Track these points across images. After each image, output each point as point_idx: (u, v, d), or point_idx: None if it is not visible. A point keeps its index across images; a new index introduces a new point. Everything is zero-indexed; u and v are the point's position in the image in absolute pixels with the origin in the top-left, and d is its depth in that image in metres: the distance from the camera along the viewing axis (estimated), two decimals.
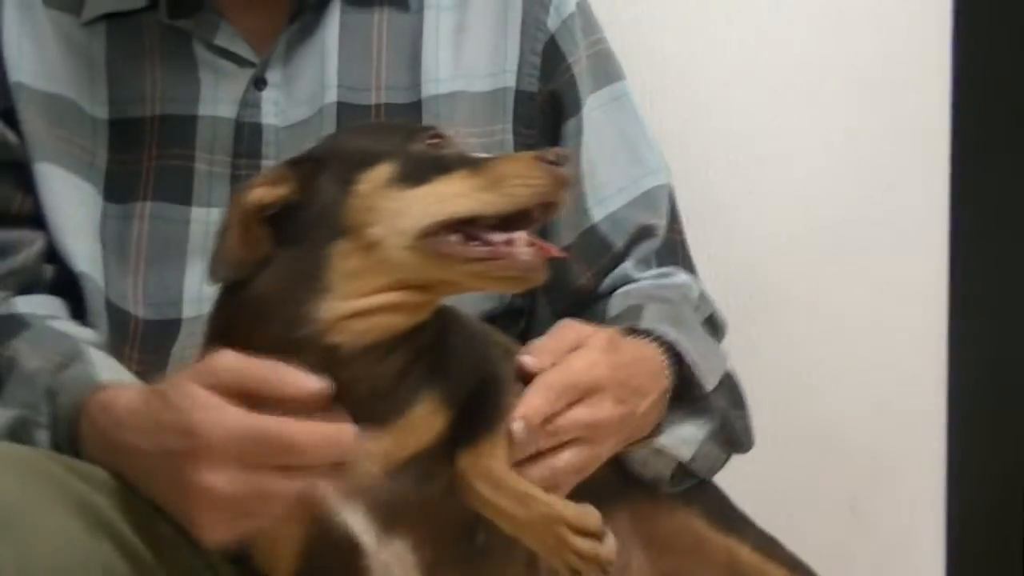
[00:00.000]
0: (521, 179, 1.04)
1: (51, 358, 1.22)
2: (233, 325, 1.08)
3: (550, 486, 1.08)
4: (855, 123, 1.91)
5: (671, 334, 1.25)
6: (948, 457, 1.97)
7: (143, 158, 1.36)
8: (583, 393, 1.11)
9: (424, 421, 1.08)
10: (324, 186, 1.08)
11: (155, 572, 1.07)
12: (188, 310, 1.34)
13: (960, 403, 1.97)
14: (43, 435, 1.17)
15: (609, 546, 1.06)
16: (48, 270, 1.37)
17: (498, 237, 1.05)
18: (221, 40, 1.37)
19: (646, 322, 1.27)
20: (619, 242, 1.42)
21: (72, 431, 1.15)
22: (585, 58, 1.45)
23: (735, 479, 1.33)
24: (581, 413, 1.11)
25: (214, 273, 1.09)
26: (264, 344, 1.03)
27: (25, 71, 1.37)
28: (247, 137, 1.36)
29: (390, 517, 1.08)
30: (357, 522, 1.08)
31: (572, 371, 1.12)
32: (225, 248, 1.07)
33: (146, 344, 1.34)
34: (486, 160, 1.07)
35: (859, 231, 1.93)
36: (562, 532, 1.05)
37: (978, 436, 1.98)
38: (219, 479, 0.99)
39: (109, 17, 1.38)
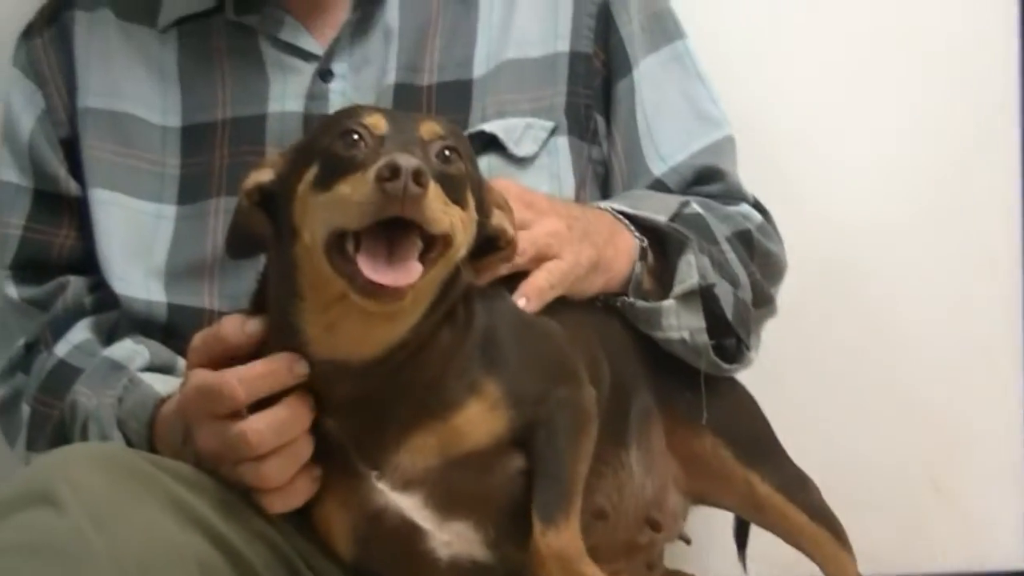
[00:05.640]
0: (357, 196, 0.97)
1: (111, 392, 1.27)
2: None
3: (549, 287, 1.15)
4: (926, 105, 1.91)
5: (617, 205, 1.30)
6: None
7: (215, 158, 1.39)
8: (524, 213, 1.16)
9: (479, 419, 1.08)
10: (289, 178, 1.06)
11: (251, 564, 1.10)
12: None
13: None
14: None
15: None
16: (88, 301, 1.42)
17: (367, 253, 0.97)
18: (286, 35, 1.39)
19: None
20: (678, 189, 1.41)
21: (150, 450, 1.21)
22: (639, 19, 1.44)
23: (816, 455, 1.34)
24: (537, 231, 1.17)
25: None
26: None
27: (93, 92, 1.42)
28: None
29: (450, 502, 1.09)
30: (414, 508, 1.09)
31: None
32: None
33: None
34: (375, 158, 0.98)
35: (933, 206, 1.92)
36: None
37: None
38: (203, 436, 1.09)
39: (180, 24, 1.42)
